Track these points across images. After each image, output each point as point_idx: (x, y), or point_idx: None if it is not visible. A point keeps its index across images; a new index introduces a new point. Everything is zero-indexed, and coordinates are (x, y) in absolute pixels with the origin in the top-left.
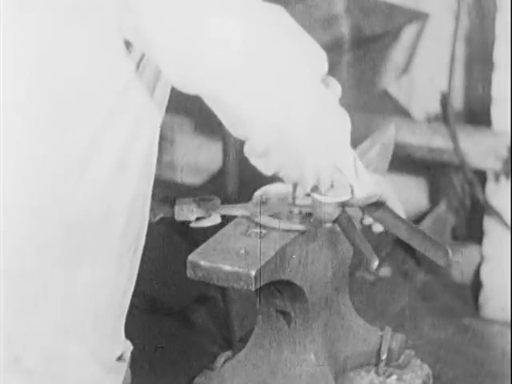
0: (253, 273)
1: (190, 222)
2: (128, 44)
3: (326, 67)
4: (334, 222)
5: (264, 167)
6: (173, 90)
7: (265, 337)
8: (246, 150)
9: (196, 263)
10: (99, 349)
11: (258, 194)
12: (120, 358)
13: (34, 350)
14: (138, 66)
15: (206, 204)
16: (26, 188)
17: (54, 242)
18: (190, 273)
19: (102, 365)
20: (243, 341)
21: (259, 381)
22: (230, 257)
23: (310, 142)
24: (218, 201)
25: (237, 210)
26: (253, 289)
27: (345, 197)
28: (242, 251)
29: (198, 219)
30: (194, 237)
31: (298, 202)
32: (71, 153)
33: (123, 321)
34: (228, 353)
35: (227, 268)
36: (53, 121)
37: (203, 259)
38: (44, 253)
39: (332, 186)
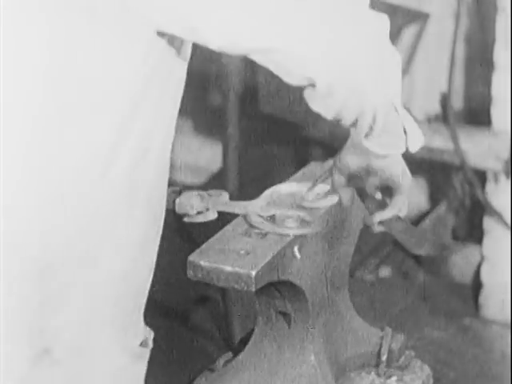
0: (253, 273)
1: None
2: (161, 34)
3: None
4: (351, 179)
5: (326, 109)
6: None
7: (265, 338)
8: (307, 95)
9: (196, 264)
10: (124, 336)
11: (268, 192)
12: (143, 344)
13: (64, 340)
14: (170, 42)
15: (211, 199)
16: (48, 183)
17: (78, 234)
18: (190, 273)
19: (128, 351)
20: (243, 342)
21: (259, 382)
22: (231, 257)
23: (369, 76)
24: (226, 196)
25: (235, 208)
26: (253, 289)
27: (398, 148)
28: (243, 252)
29: (198, 213)
30: (194, 237)
31: (306, 204)
32: (94, 150)
33: (143, 308)
34: (228, 354)
35: (227, 268)
36: (74, 119)
37: (203, 260)
38: (68, 245)
39: (385, 131)
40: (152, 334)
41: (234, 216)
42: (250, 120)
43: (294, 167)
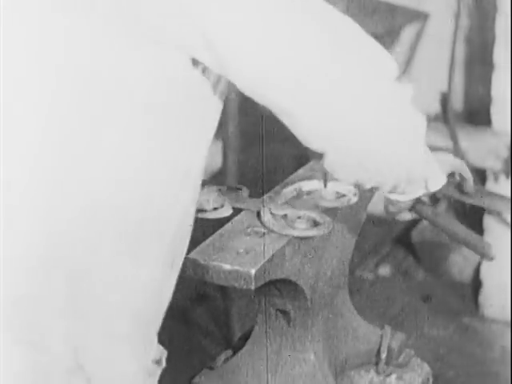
0: (253, 272)
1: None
2: (195, 61)
3: (396, 70)
4: (410, 210)
5: (344, 178)
6: None
7: (264, 336)
8: (325, 165)
9: (196, 262)
10: (142, 353)
11: (290, 189)
12: (157, 362)
13: (96, 356)
14: (203, 71)
15: (230, 194)
16: (80, 190)
17: (108, 244)
18: (189, 271)
19: (143, 369)
20: (243, 340)
21: (259, 380)
22: (230, 256)
23: (387, 148)
24: (246, 191)
25: (250, 205)
26: (253, 288)
27: (419, 192)
28: (242, 250)
29: (214, 209)
30: (194, 235)
31: (324, 203)
32: (129, 162)
33: (159, 326)
34: (228, 352)
35: (227, 267)
36: (111, 132)
37: (203, 258)
38: (101, 259)
39: (409, 184)
40: (165, 354)
41: (237, 213)
42: (250, 119)
43: (294, 167)
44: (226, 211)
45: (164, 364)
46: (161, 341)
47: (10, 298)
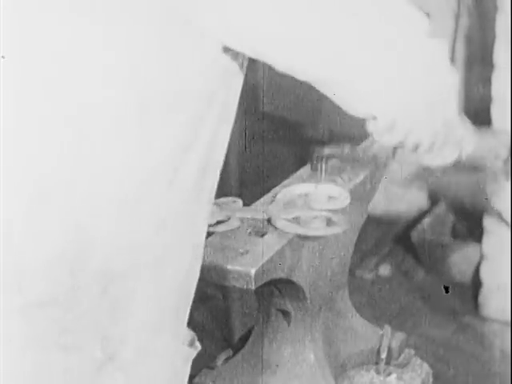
0: (253, 271)
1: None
2: (226, 48)
3: (427, 25)
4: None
5: (389, 140)
6: None
7: (264, 336)
8: (370, 127)
9: None
10: (177, 341)
11: (281, 194)
12: (192, 345)
13: (127, 348)
14: (233, 57)
15: (227, 206)
16: (119, 190)
17: (145, 242)
18: None
19: (179, 355)
20: (243, 339)
21: (258, 380)
22: (231, 255)
23: (429, 105)
24: (239, 202)
25: (255, 213)
26: (253, 288)
27: (455, 155)
28: (242, 250)
29: (218, 222)
30: None
31: (316, 205)
32: (163, 155)
33: (189, 310)
34: (228, 351)
35: (227, 267)
36: (146, 125)
37: (204, 257)
38: (135, 253)
39: (445, 143)
40: (195, 336)
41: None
42: (251, 119)
43: (294, 167)
44: (235, 223)
45: (199, 346)
46: None
47: (34, 300)
